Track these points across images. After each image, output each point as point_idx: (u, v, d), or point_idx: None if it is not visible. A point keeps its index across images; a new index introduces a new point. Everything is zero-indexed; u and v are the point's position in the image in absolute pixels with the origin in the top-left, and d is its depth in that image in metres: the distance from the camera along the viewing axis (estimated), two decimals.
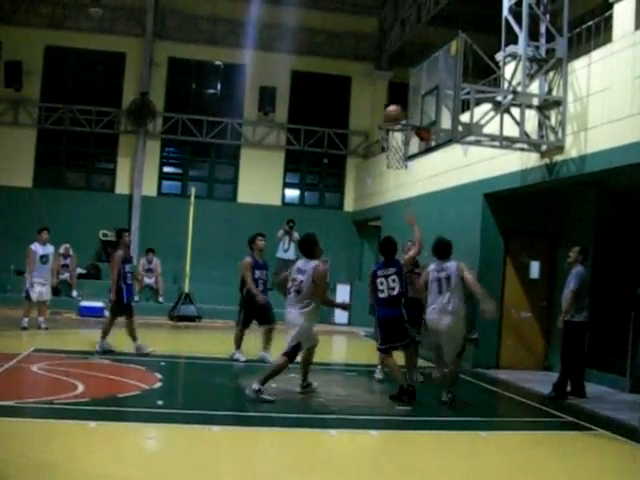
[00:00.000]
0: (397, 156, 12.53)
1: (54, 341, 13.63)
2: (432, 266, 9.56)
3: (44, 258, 14.63)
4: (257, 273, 11.90)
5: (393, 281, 9.45)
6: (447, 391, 9.40)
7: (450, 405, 9.22)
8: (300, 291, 9.23)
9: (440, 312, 9.29)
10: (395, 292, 9.45)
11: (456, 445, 7.59)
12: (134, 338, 12.21)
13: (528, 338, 13.14)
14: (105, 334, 12.24)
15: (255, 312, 11.89)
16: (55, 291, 18.99)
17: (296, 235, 18.40)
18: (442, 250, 9.62)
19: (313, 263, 9.31)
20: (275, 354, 11.44)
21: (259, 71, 22.04)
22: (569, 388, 10.64)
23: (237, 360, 12.05)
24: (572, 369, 10.44)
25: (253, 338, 12.52)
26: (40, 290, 14.62)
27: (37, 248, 14.62)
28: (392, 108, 11.35)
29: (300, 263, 9.49)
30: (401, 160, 12.44)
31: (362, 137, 23.02)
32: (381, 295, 9.58)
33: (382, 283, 9.53)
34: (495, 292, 12.75)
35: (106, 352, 12.00)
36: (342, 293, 19.77)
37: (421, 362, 10.87)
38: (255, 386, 9.00)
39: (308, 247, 9.48)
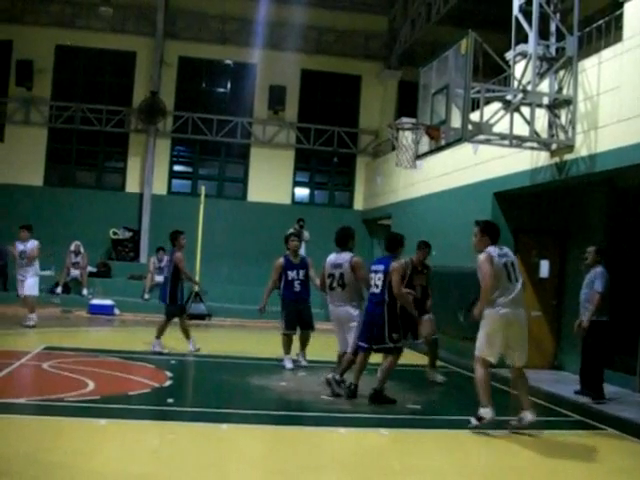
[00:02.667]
0: (407, 155, 12.49)
1: (64, 339, 13.69)
2: (492, 249, 7.97)
3: (22, 254, 14.67)
4: (290, 274, 11.50)
5: (379, 279, 9.26)
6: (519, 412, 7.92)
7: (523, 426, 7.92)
8: (345, 285, 9.46)
9: (515, 303, 7.83)
10: (377, 290, 9.25)
11: (465, 444, 7.55)
12: (159, 336, 12.29)
13: (537, 337, 13.00)
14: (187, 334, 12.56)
15: (295, 315, 11.51)
16: (65, 289, 19.20)
17: (306, 234, 18.40)
18: (497, 232, 8.25)
19: (346, 255, 9.55)
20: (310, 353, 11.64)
21: (269, 70, 22.09)
22: (579, 387, 10.60)
23: (284, 367, 11.46)
24: (593, 368, 10.34)
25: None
26: (21, 285, 14.73)
27: (17, 245, 14.71)
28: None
29: (332, 258, 9.68)
30: (411, 159, 12.40)
31: (372, 136, 22.99)
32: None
33: (371, 278, 9.40)
34: None
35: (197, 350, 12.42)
36: None
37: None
38: (338, 377, 9.32)
39: (344, 239, 9.70)
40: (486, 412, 7.70)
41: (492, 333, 7.83)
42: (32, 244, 14.65)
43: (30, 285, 14.63)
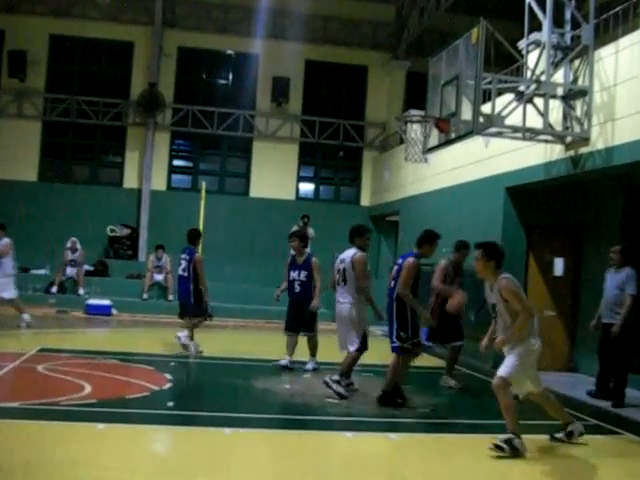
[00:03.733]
0: (416, 149, 12.33)
1: (60, 340, 13.59)
2: (512, 277, 7.53)
3: None
4: (292, 274, 11.35)
5: (395, 274, 9.15)
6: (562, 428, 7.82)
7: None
8: (347, 280, 9.47)
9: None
10: (391, 286, 9.13)
11: (476, 448, 7.35)
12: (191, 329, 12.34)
13: (552, 338, 12.73)
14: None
15: (293, 316, 11.35)
16: (61, 288, 18.86)
17: (311, 231, 18.08)
18: (502, 255, 7.65)
19: (351, 251, 9.54)
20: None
21: (272, 61, 21.85)
22: (594, 388, 10.46)
23: (283, 365, 11.37)
24: (617, 372, 10.13)
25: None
26: None
27: None
28: None
29: (342, 254, 9.71)
30: (420, 153, 12.23)
31: (379, 129, 22.76)
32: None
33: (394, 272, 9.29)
34: None
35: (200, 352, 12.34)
36: None
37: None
38: (335, 377, 9.26)
39: (350, 235, 9.68)
40: (522, 445, 7.10)
41: (528, 364, 7.39)
42: (2, 243, 14.24)
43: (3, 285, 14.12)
